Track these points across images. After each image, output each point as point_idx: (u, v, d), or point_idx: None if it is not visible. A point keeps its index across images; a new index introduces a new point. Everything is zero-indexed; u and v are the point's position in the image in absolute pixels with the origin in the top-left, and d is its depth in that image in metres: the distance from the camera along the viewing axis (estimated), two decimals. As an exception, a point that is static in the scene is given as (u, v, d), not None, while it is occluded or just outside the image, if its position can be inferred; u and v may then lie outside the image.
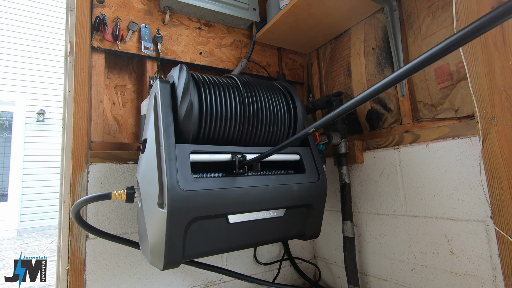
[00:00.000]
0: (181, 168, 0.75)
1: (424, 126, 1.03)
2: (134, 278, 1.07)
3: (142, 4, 1.24)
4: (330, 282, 1.40)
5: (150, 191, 0.78)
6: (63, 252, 0.99)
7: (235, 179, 0.83)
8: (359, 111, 1.30)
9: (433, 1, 1.02)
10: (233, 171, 0.83)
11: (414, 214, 1.03)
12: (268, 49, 1.54)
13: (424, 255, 0.99)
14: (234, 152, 0.85)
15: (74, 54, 1.07)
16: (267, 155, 0.74)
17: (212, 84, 0.88)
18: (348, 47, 1.37)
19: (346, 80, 1.37)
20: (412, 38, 1.09)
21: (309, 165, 0.97)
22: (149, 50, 1.20)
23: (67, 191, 1.01)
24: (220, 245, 0.83)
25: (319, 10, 1.20)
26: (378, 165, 1.16)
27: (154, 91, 0.87)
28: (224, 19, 1.39)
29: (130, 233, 1.09)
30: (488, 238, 0.83)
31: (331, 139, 1.14)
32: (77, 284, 0.97)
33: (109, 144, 1.13)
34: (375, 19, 1.24)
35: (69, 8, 1.13)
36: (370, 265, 1.19)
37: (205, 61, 1.34)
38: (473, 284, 0.86)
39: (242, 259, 1.30)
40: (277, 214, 0.90)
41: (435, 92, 1.02)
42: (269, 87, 1.00)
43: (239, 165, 0.82)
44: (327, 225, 1.40)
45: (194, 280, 1.18)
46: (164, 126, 0.78)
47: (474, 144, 0.86)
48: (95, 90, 1.13)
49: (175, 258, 0.75)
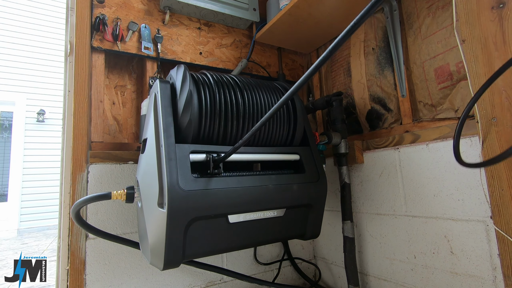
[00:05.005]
0: (181, 168, 0.75)
1: (424, 126, 1.03)
2: (134, 278, 1.07)
3: (142, 4, 1.24)
4: (330, 282, 1.40)
5: (150, 191, 0.78)
6: (63, 252, 0.99)
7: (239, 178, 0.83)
8: (359, 111, 1.30)
9: (433, 1, 1.02)
10: (207, 172, 0.80)
11: (414, 214, 1.03)
12: (268, 49, 1.54)
13: (424, 255, 0.99)
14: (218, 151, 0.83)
15: (74, 54, 1.07)
16: (235, 148, 0.70)
17: (212, 84, 0.88)
18: (348, 47, 1.37)
19: (346, 80, 1.37)
20: (412, 38, 1.09)
21: (309, 165, 0.97)
22: (149, 50, 1.21)
23: (67, 191, 1.01)
24: (220, 245, 0.83)
25: (319, 10, 1.20)
26: (378, 165, 1.16)
27: (154, 91, 0.87)
28: (224, 19, 1.39)
29: (130, 233, 1.09)
30: (488, 238, 0.83)
31: (331, 139, 1.14)
32: (77, 284, 0.97)
33: (109, 144, 1.13)
34: (375, 19, 1.24)
35: (69, 8, 1.13)
36: (370, 265, 1.19)
37: (205, 61, 1.34)
38: (473, 284, 0.86)
39: (242, 259, 1.30)
40: (277, 214, 0.90)
41: (435, 92, 1.02)
42: (268, 87, 1.00)
43: (213, 164, 0.78)
44: (327, 225, 1.40)
45: (194, 280, 1.18)
46: (164, 126, 0.78)
47: (474, 144, 0.86)
48: (95, 90, 1.13)
49: (175, 258, 0.75)
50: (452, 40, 0.96)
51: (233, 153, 0.73)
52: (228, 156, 0.76)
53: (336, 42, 0.40)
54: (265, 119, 0.59)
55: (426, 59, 1.04)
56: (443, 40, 0.99)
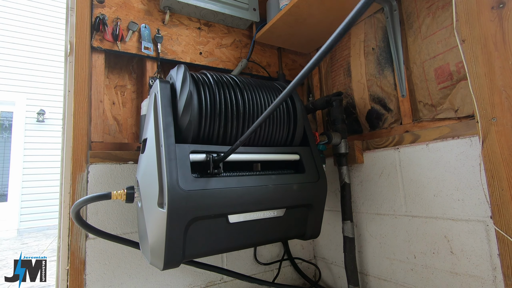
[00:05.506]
0: (181, 168, 0.75)
1: (424, 126, 1.03)
2: (134, 278, 1.07)
3: (142, 4, 1.24)
4: (330, 282, 1.40)
5: (150, 191, 0.78)
6: (63, 252, 0.99)
7: (239, 178, 0.83)
8: (359, 111, 1.30)
9: (433, 1, 1.02)
10: (207, 172, 0.80)
11: (414, 214, 1.03)
12: (268, 49, 1.54)
13: (424, 255, 0.99)
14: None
15: (74, 54, 1.07)
16: (236, 146, 0.70)
17: (212, 84, 0.88)
18: (348, 47, 1.37)
19: (346, 80, 1.37)
20: (412, 38, 1.09)
21: (309, 165, 0.97)
22: (149, 50, 1.21)
23: (67, 191, 1.01)
24: (220, 245, 0.83)
25: (319, 10, 1.20)
26: (378, 165, 1.16)
27: (154, 91, 0.87)
28: (224, 19, 1.39)
29: (130, 233, 1.09)
30: (488, 238, 0.83)
31: (331, 139, 1.14)
32: (77, 284, 0.97)
33: (109, 144, 1.13)
34: (375, 19, 1.24)
35: (69, 8, 1.13)
36: (370, 265, 1.19)
37: (205, 61, 1.34)
38: (473, 284, 0.86)
39: (242, 259, 1.30)
40: (277, 214, 0.90)
41: (435, 92, 1.02)
42: (268, 87, 1.00)
43: (213, 164, 0.78)
44: (327, 225, 1.40)
45: (194, 280, 1.18)
46: (164, 126, 0.78)
47: (474, 144, 0.86)
48: (95, 90, 1.13)
49: (175, 258, 0.75)
50: (452, 40, 0.96)
51: (233, 151, 0.73)
52: (228, 155, 0.76)
53: (337, 34, 0.40)
54: (265, 115, 0.58)
55: (426, 59, 1.04)
56: (443, 40, 0.99)
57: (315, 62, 0.44)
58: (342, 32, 0.38)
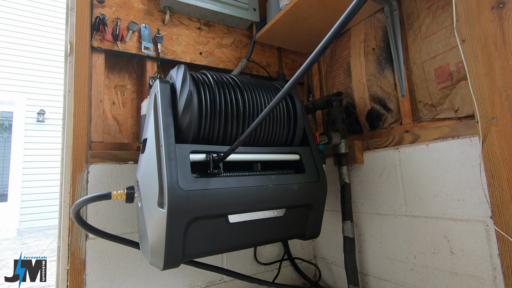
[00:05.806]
0: (181, 168, 0.75)
1: (424, 126, 1.03)
2: (134, 278, 1.07)
3: (142, 4, 1.24)
4: (330, 282, 1.40)
5: (150, 191, 0.78)
6: (63, 252, 0.99)
7: (239, 178, 0.83)
8: (359, 111, 1.30)
9: (433, 1, 1.02)
10: (207, 172, 0.79)
11: (414, 214, 1.03)
12: (268, 49, 1.54)
13: (424, 255, 0.99)
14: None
15: (74, 54, 1.07)
16: (237, 145, 0.70)
17: (212, 84, 0.88)
18: (348, 47, 1.37)
19: (346, 80, 1.37)
20: (412, 38, 1.09)
21: (309, 165, 0.97)
22: (149, 50, 1.21)
23: (67, 191, 1.01)
24: (220, 245, 0.83)
25: (319, 10, 1.20)
26: (378, 165, 1.16)
27: (154, 91, 0.87)
28: (224, 19, 1.39)
29: (130, 233, 1.09)
30: (488, 238, 0.83)
31: (331, 139, 1.14)
32: (77, 284, 0.97)
33: (109, 144, 1.13)
34: (375, 19, 1.24)
35: (69, 8, 1.13)
36: (370, 265, 1.19)
37: (205, 61, 1.34)
38: (473, 284, 0.86)
39: (242, 259, 1.30)
40: (277, 214, 0.90)
41: (435, 92, 1.02)
42: (268, 87, 1.00)
43: (213, 164, 0.78)
44: (327, 225, 1.40)
45: (194, 280, 1.18)
46: (164, 126, 0.78)
47: (474, 144, 0.86)
48: (95, 90, 1.13)
49: (175, 258, 0.75)
50: (452, 40, 0.96)
51: (233, 151, 0.73)
52: (228, 155, 0.76)
53: (336, 28, 0.39)
54: (263, 115, 0.59)
55: (426, 59, 1.04)
56: (443, 40, 0.99)
57: (310, 62, 0.44)
58: (335, 33, 0.38)
